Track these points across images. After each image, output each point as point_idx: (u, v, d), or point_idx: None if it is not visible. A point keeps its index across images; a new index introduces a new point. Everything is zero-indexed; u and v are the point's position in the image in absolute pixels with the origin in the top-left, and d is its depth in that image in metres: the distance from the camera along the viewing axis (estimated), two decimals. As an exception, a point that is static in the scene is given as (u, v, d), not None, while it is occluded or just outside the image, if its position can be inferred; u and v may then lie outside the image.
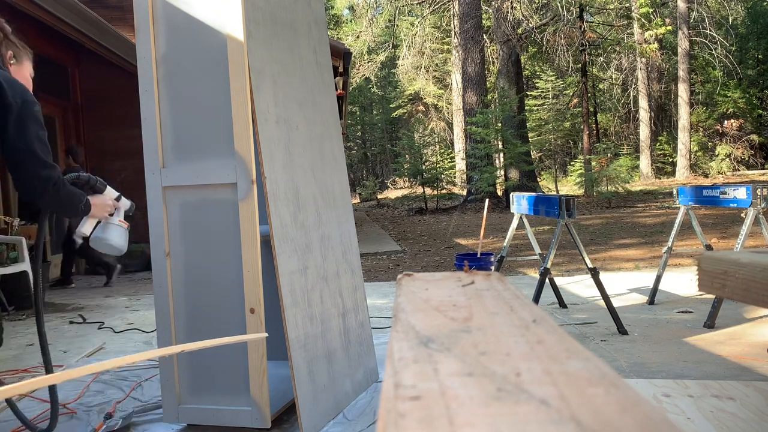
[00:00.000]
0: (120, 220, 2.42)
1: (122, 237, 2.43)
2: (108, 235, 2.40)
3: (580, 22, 20.19)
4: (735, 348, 3.38)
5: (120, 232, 2.42)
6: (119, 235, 2.41)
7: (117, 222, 2.41)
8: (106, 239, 2.39)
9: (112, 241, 2.40)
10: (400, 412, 0.40)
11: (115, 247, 2.42)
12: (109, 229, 2.41)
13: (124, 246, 2.44)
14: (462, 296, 0.77)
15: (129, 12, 2.49)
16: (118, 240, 2.40)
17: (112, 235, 2.40)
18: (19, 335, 4.55)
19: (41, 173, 2.08)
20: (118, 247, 2.42)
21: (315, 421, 2.38)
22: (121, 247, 2.43)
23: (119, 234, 2.41)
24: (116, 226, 2.41)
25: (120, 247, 2.43)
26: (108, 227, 2.41)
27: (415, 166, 18.42)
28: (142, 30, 2.42)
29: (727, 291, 1.00)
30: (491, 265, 4.43)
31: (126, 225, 2.44)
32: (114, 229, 2.41)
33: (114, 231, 2.41)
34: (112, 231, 2.41)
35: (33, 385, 0.86)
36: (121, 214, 2.46)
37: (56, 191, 2.10)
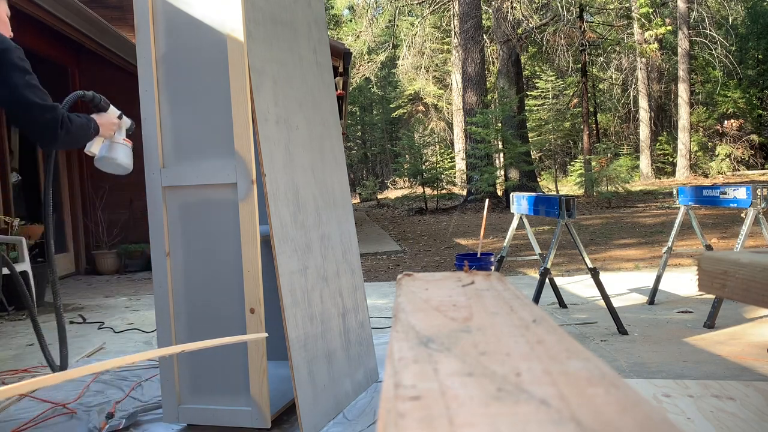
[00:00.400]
0: (124, 138, 2.44)
1: (128, 155, 2.45)
2: (114, 154, 2.43)
3: (580, 22, 20.20)
4: (735, 348, 3.38)
5: (126, 151, 2.44)
6: (125, 153, 2.44)
7: (121, 141, 2.43)
8: (113, 158, 2.42)
9: (119, 160, 2.42)
10: (400, 412, 0.40)
11: (122, 166, 2.44)
12: (115, 149, 2.43)
13: (130, 164, 2.46)
14: (462, 296, 0.77)
15: (129, 12, 2.49)
16: (124, 158, 2.43)
17: (119, 154, 2.43)
18: (19, 335, 4.55)
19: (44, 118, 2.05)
20: (124, 166, 2.44)
21: (315, 421, 2.38)
22: (127, 165, 2.45)
23: (125, 152, 2.44)
24: (122, 146, 2.44)
25: (126, 166, 2.45)
26: (114, 147, 2.43)
27: (415, 166, 18.42)
28: (142, 30, 2.42)
29: (727, 291, 1.00)
30: (491, 265, 4.43)
31: (129, 143, 2.45)
32: (120, 148, 2.43)
33: (120, 150, 2.43)
34: (118, 150, 2.43)
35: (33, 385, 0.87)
36: (123, 133, 2.48)
37: (66, 131, 2.09)
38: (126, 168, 2.46)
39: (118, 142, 2.44)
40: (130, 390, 3.06)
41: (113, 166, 2.44)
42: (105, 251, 8.17)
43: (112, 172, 2.49)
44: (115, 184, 8.28)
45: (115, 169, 2.46)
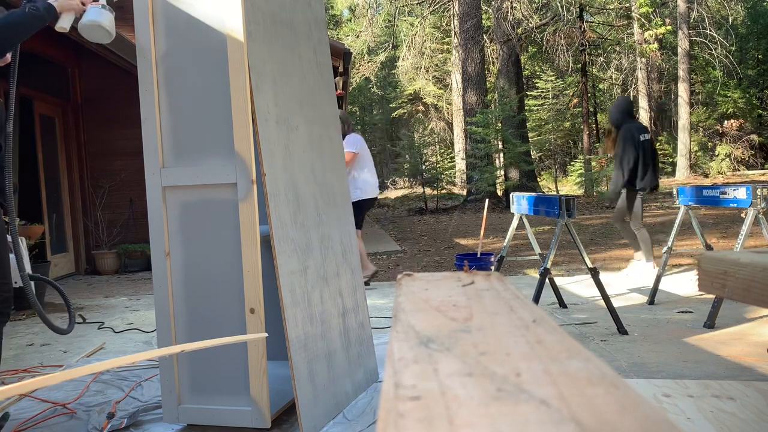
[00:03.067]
0: (95, 3, 2.42)
1: (96, 14, 2.40)
2: (84, 17, 2.41)
3: (580, 22, 20.20)
4: (735, 348, 3.38)
5: (92, 11, 2.41)
6: (93, 13, 2.40)
7: (91, 5, 2.41)
8: (82, 22, 2.40)
9: (86, 20, 2.39)
10: (400, 412, 0.40)
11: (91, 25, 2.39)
12: (85, 13, 2.42)
13: (102, 21, 2.40)
14: (462, 296, 0.77)
15: (129, 12, 2.49)
16: (92, 17, 2.39)
17: (87, 16, 2.40)
18: (18, 335, 4.55)
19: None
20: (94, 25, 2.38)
21: (315, 421, 2.38)
22: (97, 22, 2.39)
23: (92, 12, 2.40)
24: (91, 8, 2.41)
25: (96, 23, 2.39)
26: (85, 13, 2.42)
27: (415, 166, 18.42)
28: (142, 30, 2.42)
29: (727, 291, 1.00)
30: (491, 265, 4.43)
31: (99, 4, 2.41)
32: (89, 10, 2.41)
33: (88, 13, 2.41)
34: (87, 12, 2.42)
35: (33, 385, 0.86)
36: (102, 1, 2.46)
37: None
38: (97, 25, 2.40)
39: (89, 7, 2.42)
40: (130, 390, 3.06)
41: (88, 28, 2.40)
42: (105, 251, 8.18)
43: (97, 38, 2.45)
44: (115, 184, 8.29)
45: (94, 32, 2.42)
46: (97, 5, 2.42)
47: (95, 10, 2.42)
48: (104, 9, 2.43)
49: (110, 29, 2.44)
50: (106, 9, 2.43)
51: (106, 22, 2.43)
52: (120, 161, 8.19)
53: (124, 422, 2.57)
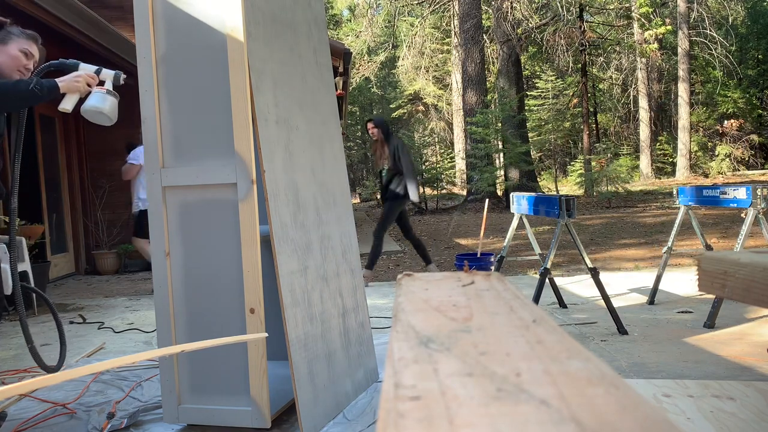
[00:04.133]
0: (100, 87, 2.44)
1: (99, 100, 2.44)
2: (86, 103, 2.45)
3: (580, 22, 20.19)
4: (735, 348, 3.38)
5: (96, 97, 2.45)
6: (96, 99, 2.45)
7: (95, 89, 2.45)
8: (85, 106, 2.44)
9: (88, 106, 2.43)
10: (400, 412, 0.39)
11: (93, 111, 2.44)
12: (88, 97, 2.46)
13: (104, 107, 2.44)
14: (462, 296, 0.77)
15: (129, 12, 2.49)
16: (94, 103, 2.43)
17: (90, 101, 2.45)
18: (18, 335, 4.54)
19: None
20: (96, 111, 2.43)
21: (315, 421, 2.38)
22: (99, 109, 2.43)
23: (96, 98, 2.45)
24: (94, 93, 2.45)
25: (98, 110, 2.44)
26: (88, 96, 2.46)
27: (415, 166, 18.41)
28: (141, 30, 2.42)
29: (727, 291, 1.00)
30: (491, 265, 4.43)
31: (104, 89, 2.45)
32: (91, 96, 2.45)
33: (91, 98, 2.45)
34: (90, 97, 2.46)
35: (33, 385, 0.86)
36: (107, 84, 2.49)
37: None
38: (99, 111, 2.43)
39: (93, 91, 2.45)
40: (130, 390, 3.06)
41: (89, 113, 2.44)
42: (105, 251, 8.17)
43: (97, 121, 2.50)
44: (115, 184, 8.29)
45: (95, 117, 2.46)
46: (101, 90, 2.45)
47: (99, 96, 2.45)
48: (108, 94, 2.47)
49: (111, 115, 2.48)
50: (109, 94, 2.47)
51: (108, 109, 2.46)
52: (120, 161, 8.16)
53: (124, 422, 2.57)
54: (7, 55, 2.41)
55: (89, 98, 2.45)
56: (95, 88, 2.45)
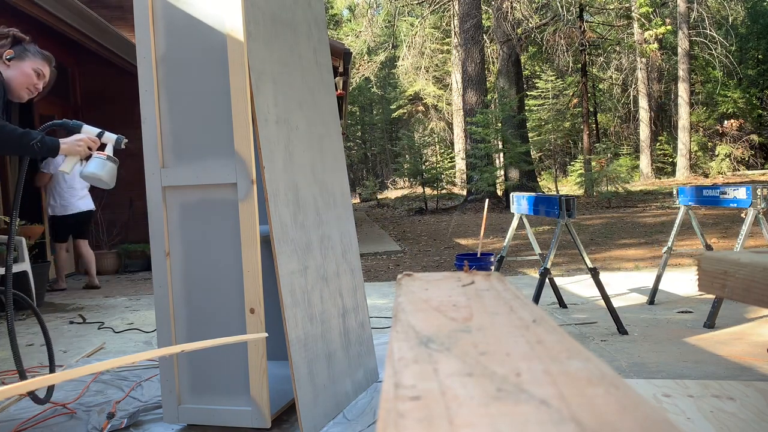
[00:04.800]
0: (100, 152, 2.45)
1: (98, 167, 2.44)
2: (85, 167, 2.45)
3: (580, 22, 20.20)
4: (735, 348, 3.38)
5: (96, 163, 2.45)
6: (95, 165, 2.45)
7: (96, 155, 2.45)
8: (84, 171, 2.45)
9: (87, 172, 2.44)
10: (400, 412, 0.39)
11: (92, 177, 2.45)
12: (88, 162, 2.47)
13: (102, 174, 2.44)
14: (462, 296, 0.77)
15: (129, 12, 2.49)
16: (93, 169, 2.44)
17: (89, 166, 2.45)
18: (19, 335, 4.53)
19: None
20: (94, 177, 2.44)
21: (315, 421, 2.38)
22: (97, 176, 2.44)
23: (95, 164, 2.45)
24: (93, 158, 2.46)
25: (96, 176, 2.44)
26: (88, 161, 2.47)
27: (415, 166, 18.43)
28: (141, 30, 2.42)
29: (727, 291, 1.00)
30: (491, 265, 4.43)
31: (104, 155, 2.45)
32: (91, 161, 2.46)
33: (91, 163, 2.46)
34: (90, 163, 2.46)
35: (33, 385, 0.86)
36: (108, 149, 2.49)
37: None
38: (98, 178, 2.45)
39: (93, 156, 2.45)
40: (130, 390, 3.06)
41: (88, 178, 2.46)
42: (105, 251, 8.17)
43: (96, 185, 2.52)
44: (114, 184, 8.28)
45: (92, 181, 2.47)
46: (102, 156, 2.45)
47: (99, 162, 2.45)
48: (108, 160, 2.47)
49: (110, 182, 2.49)
50: (109, 160, 2.47)
51: (107, 176, 2.47)
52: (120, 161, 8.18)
53: (124, 422, 2.58)
54: (20, 71, 2.42)
55: (89, 163, 2.45)
56: (96, 152, 2.45)
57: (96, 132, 2.49)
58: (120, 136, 2.54)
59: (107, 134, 2.51)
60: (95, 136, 2.47)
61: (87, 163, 2.46)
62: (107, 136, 2.51)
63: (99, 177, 2.45)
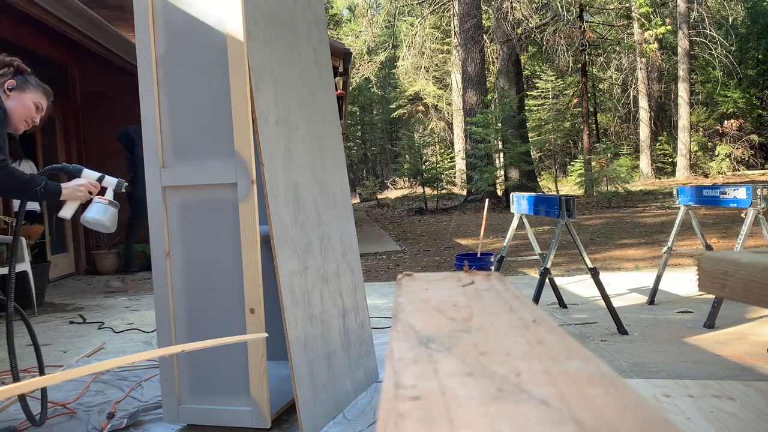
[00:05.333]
0: (101, 197, 2.44)
1: (100, 212, 2.44)
2: (86, 213, 2.45)
3: (580, 22, 20.20)
4: (735, 348, 3.38)
5: (97, 208, 2.44)
6: (96, 210, 2.44)
7: (96, 199, 2.44)
8: (85, 217, 2.44)
9: (87, 217, 2.43)
10: (400, 412, 0.40)
11: (93, 222, 2.44)
12: (89, 207, 2.46)
13: (104, 220, 2.44)
14: (462, 296, 0.77)
15: (129, 12, 2.49)
16: (94, 215, 2.43)
17: (90, 212, 2.44)
18: (18, 335, 4.53)
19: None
20: (96, 222, 2.44)
21: (315, 421, 2.38)
22: (99, 221, 2.43)
23: (96, 210, 2.44)
24: (94, 203, 2.45)
25: (98, 222, 2.43)
26: (89, 206, 2.46)
27: (415, 166, 18.43)
28: (141, 30, 2.42)
29: (727, 291, 1.00)
30: (491, 265, 4.43)
31: (105, 200, 2.45)
32: (92, 206, 2.45)
33: (92, 208, 2.45)
34: (90, 208, 2.45)
35: (33, 385, 0.87)
36: (108, 193, 2.48)
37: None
38: (99, 223, 2.44)
39: (94, 201, 2.45)
40: (130, 390, 3.06)
41: (89, 223, 2.45)
42: (105, 251, 8.17)
43: (97, 229, 2.52)
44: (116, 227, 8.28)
45: (94, 226, 2.48)
46: (103, 201, 2.45)
47: (100, 207, 2.45)
48: (109, 205, 2.46)
49: (111, 226, 2.48)
50: (111, 205, 2.46)
51: (108, 221, 2.46)
52: (120, 161, 8.17)
53: (124, 422, 2.58)
54: (21, 103, 2.40)
55: (90, 208, 2.44)
56: (96, 197, 2.44)
57: (96, 176, 2.47)
58: (120, 180, 2.53)
59: (108, 178, 2.50)
60: (96, 181, 2.45)
61: (88, 208, 2.45)
62: (108, 180, 2.50)
63: (101, 222, 2.44)
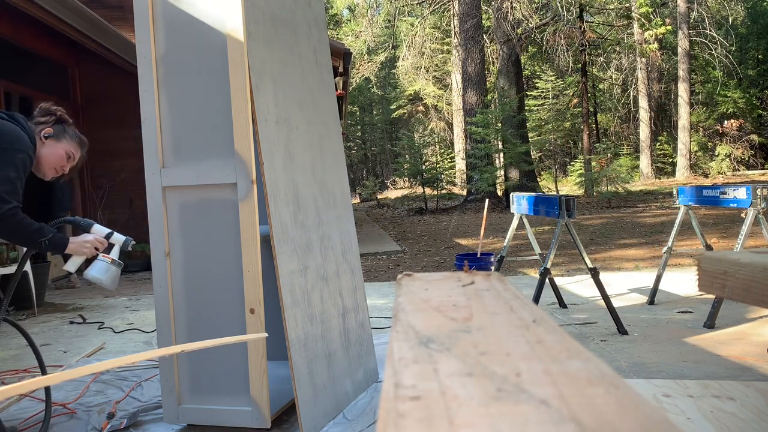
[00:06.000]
0: (105, 255, 2.43)
1: (102, 271, 2.43)
2: (89, 270, 2.45)
3: (580, 22, 20.20)
4: (735, 348, 3.38)
5: (99, 267, 2.43)
6: (98, 269, 2.43)
7: (101, 257, 2.43)
8: (87, 273, 2.45)
9: (89, 275, 2.44)
10: (400, 412, 0.40)
11: (93, 280, 2.44)
12: (92, 265, 2.46)
13: (104, 279, 2.43)
14: (462, 296, 0.77)
15: (129, 12, 2.49)
16: (96, 273, 2.43)
17: (92, 269, 2.44)
18: (18, 335, 4.54)
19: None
20: (96, 281, 2.44)
21: (315, 421, 2.38)
22: (99, 280, 2.43)
23: (98, 268, 2.43)
24: (98, 261, 2.44)
25: (98, 281, 2.44)
26: (92, 263, 2.46)
27: (415, 166, 18.43)
28: (141, 30, 2.42)
29: (727, 291, 1.00)
30: (491, 265, 4.43)
31: (109, 259, 2.44)
32: (95, 264, 2.45)
33: (95, 266, 2.45)
34: (93, 266, 2.45)
35: (33, 385, 0.86)
36: (114, 251, 2.47)
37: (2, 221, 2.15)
38: (101, 282, 2.44)
39: (98, 258, 2.44)
40: (130, 390, 3.06)
41: (92, 280, 2.45)
42: (105, 251, 8.17)
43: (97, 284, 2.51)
44: (115, 184, 8.29)
45: (96, 282, 2.47)
46: (106, 260, 2.44)
47: (103, 266, 2.44)
48: (112, 265, 2.45)
49: (111, 286, 2.48)
50: (114, 264, 2.46)
51: (108, 281, 2.46)
52: (120, 161, 8.19)
53: (124, 422, 2.58)
54: (54, 151, 2.40)
55: (93, 265, 2.44)
56: (101, 255, 2.43)
57: (105, 233, 2.47)
58: (128, 238, 2.53)
59: (116, 235, 2.50)
60: (104, 237, 2.45)
61: (92, 264, 2.45)
62: (115, 238, 2.49)
63: (101, 281, 2.44)
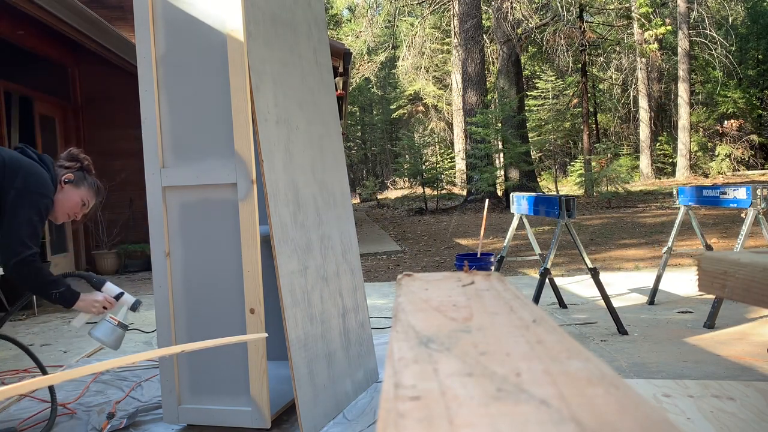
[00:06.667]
0: (112, 316, 2.44)
1: (106, 333, 2.43)
2: (94, 330, 2.45)
3: (580, 22, 20.19)
4: (735, 348, 3.38)
5: (105, 329, 2.43)
6: (104, 331, 2.43)
7: (108, 318, 2.44)
8: (91, 333, 2.45)
9: (93, 335, 2.44)
10: (400, 412, 0.39)
11: (98, 341, 2.45)
12: (97, 325, 2.46)
13: (107, 341, 2.43)
14: (462, 296, 0.77)
15: (129, 12, 2.49)
16: (100, 335, 2.43)
17: (97, 330, 2.45)
18: (19, 335, 4.54)
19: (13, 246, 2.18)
20: (100, 342, 2.45)
21: (315, 422, 2.38)
22: (102, 342, 2.44)
23: (103, 331, 2.43)
24: (104, 322, 2.44)
25: (101, 342, 2.45)
26: (98, 323, 2.46)
27: (415, 166, 18.43)
28: (141, 30, 2.42)
29: (727, 291, 1.00)
30: (491, 265, 4.43)
31: (116, 321, 2.44)
32: (100, 324, 2.45)
33: (100, 327, 2.45)
34: (98, 327, 2.45)
35: (33, 385, 0.86)
36: (122, 312, 2.47)
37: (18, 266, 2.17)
38: (105, 344, 2.45)
39: (104, 319, 2.44)
40: (130, 390, 3.06)
41: (96, 340, 2.45)
42: (105, 251, 8.18)
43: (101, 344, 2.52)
44: (115, 184, 8.28)
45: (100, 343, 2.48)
46: (113, 321, 2.44)
47: (108, 328, 2.44)
48: (117, 327, 2.46)
49: (114, 347, 2.48)
50: (119, 327, 2.46)
51: (112, 343, 2.46)
52: (120, 161, 8.18)
53: (124, 422, 2.58)
54: (70, 197, 2.41)
55: (99, 326, 2.44)
56: (109, 316, 2.44)
57: (116, 293, 2.47)
58: (138, 299, 2.53)
59: (126, 296, 2.50)
60: (114, 297, 2.45)
61: (97, 325, 2.45)
62: (125, 299, 2.50)
63: (104, 344, 2.45)
